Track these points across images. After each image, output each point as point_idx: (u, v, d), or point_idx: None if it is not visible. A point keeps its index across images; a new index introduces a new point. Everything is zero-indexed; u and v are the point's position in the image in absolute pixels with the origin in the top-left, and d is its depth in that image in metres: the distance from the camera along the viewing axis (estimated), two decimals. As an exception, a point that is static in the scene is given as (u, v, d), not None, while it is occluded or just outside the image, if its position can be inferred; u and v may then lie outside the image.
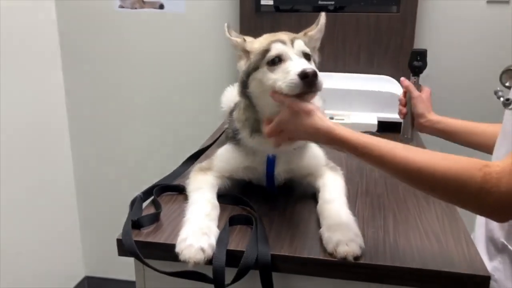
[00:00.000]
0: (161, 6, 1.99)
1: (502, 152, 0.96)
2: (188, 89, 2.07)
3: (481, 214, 0.85)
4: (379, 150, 0.80)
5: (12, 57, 1.87)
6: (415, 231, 0.91)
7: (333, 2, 1.76)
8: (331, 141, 0.84)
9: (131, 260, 0.88)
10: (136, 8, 2.01)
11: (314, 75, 0.83)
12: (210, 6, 1.96)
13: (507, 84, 1.07)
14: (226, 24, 1.01)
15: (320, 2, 1.77)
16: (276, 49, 0.91)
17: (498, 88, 0.97)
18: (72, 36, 2.11)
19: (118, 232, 0.87)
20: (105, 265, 2.39)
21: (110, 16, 2.04)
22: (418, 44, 1.79)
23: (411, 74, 1.35)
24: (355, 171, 1.23)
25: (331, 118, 1.53)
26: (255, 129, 0.98)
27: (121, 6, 2.02)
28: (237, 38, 1.00)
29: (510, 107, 0.90)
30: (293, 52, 0.91)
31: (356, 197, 1.06)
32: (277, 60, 0.90)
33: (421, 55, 1.33)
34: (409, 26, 1.76)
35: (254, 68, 0.94)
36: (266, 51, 0.92)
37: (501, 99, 0.93)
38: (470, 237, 0.90)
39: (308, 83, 0.83)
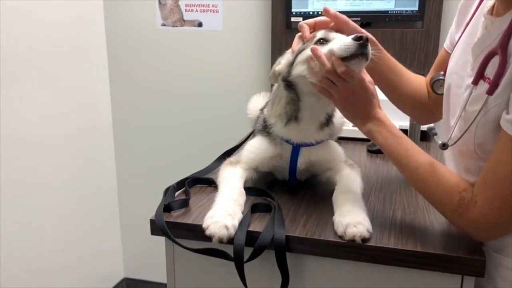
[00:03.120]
0: (200, 24, 2.15)
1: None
2: (224, 99, 2.21)
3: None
4: (405, 146, 0.92)
5: (65, 70, 2.06)
6: (421, 222, 0.98)
7: (359, 19, 1.86)
8: (376, 115, 0.93)
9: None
10: (176, 26, 2.18)
11: (367, 39, 0.88)
12: (245, 23, 2.10)
13: (438, 92, 1.11)
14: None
15: (347, 19, 1.87)
16: (322, 33, 0.99)
17: (432, 125, 0.99)
18: (119, 52, 2.30)
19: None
20: (144, 267, 2.52)
21: (153, 34, 2.22)
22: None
23: None
24: (373, 172, 1.31)
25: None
26: (294, 118, 1.06)
27: (163, 24, 2.19)
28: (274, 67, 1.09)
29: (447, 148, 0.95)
30: (337, 35, 0.98)
31: (370, 193, 1.13)
32: (323, 41, 0.97)
33: None
34: (433, 41, 1.84)
35: (301, 51, 1.00)
36: (314, 37, 1.00)
37: (435, 136, 0.98)
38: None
39: (361, 45, 0.88)
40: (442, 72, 1.11)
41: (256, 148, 1.13)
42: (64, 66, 2.06)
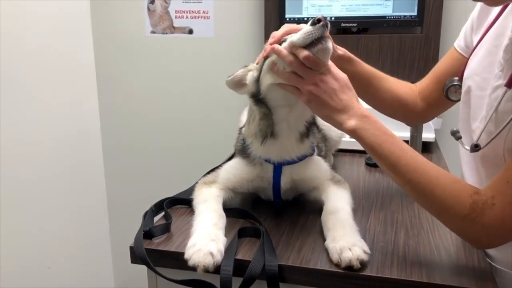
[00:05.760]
0: (190, 31, 2.07)
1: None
2: (216, 108, 2.13)
3: (460, 237, 0.84)
4: (399, 145, 0.83)
5: (52, 78, 1.98)
6: (425, 246, 0.90)
7: (355, 24, 1.79)
8: (358, 111, 0.84)
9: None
10: (166, 33, 2.10)
11: (325, 18, 0.83)
12: (237, 30, 2.02)
13: (452, 98, 1.05)
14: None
15: (343, 25, 1.79)
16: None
17: (455, 129, 0.92)
18: (107, 59, 2.22)
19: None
20: (135, 283, 2.42)
21: (142, 41, 2.14)
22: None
23: None
24: (373, 187, 1.23)
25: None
26: (270, 135, 0.98)
27: (153, 32, 2.11)
28: (238, 71, 1.03)
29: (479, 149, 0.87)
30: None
31: (370, 213, 1.05)
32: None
33: None
34: (433, 47, 1.76)
35: (262, 65, 0.95)
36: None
37: (460, 140, 0.91)
38: (482, 252, 0.88)
39: (323, 26, 0.82)
40: (456, 78, 1.04)
41: (234, 170, 1.05)
42: (51, 75, 1.98)
